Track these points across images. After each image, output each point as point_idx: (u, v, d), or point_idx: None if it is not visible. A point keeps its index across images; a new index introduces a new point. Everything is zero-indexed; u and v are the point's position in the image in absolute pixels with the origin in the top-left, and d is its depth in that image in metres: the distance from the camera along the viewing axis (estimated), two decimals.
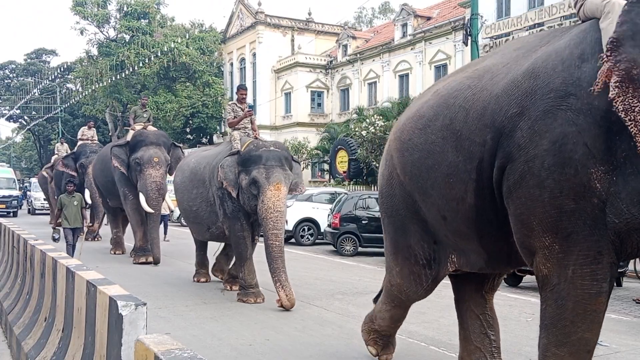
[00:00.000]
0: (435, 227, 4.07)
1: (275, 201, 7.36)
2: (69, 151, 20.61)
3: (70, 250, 10.58)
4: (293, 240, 16.42)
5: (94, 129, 18.23)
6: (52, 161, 20.85)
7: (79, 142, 17.11)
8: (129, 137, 12.28)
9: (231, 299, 8.21)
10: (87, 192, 15.14)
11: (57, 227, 11.70)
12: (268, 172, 7.49)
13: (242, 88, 8.79)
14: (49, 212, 29.16)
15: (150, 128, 12.89)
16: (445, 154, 3.67)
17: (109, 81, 34.06)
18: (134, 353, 2.71)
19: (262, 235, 7.69)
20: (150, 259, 11.57)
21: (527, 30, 20.49)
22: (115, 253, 13.37)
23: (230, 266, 9.14)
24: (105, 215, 15.83)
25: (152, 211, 11.29)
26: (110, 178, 12.74)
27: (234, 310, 7.48)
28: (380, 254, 13.70)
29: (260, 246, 8.06)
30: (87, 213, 14.16)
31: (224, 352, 5.60)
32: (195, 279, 9.61)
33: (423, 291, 4.48)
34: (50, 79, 43.64)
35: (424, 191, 3.94)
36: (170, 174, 11.89)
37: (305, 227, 16.39)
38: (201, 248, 9.76)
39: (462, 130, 3.57)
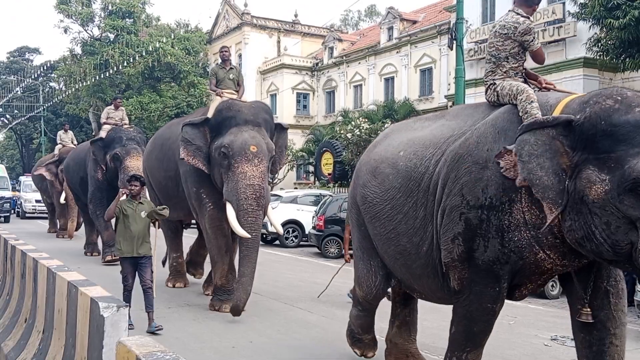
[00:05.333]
0: None
1: None
2: (74, 140, 18.12)
3: (128, 296, 6.48)
4: (277, 242, 16.39)
5: (123, 108, 13.48)
6: (55, 153, 17.47)
7: (105, 126, 12.54)
8: (210, 110, 7.81)
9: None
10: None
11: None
12: None
13: None
14: (42, 215, 25.55)
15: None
16: None
17: (93, 80, 33.76)
18: (116, 355, 2.68)
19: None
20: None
21: None
22: (174, 286, 9.17)
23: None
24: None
25: (246, 235, 6.92)
26: (171, 173, 8.40)
27: (217, 312, 7.43)
28: None
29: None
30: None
31: (206, 354, 5.57)
32: None
33: None
34: (33, 77, 43.12)
35: None
36: (274, 172, 8.01)
37: (289, 229, 16.34)
38: (409, 313, 5.47)
39: None
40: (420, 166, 4.24)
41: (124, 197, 6.60)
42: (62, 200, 16.11)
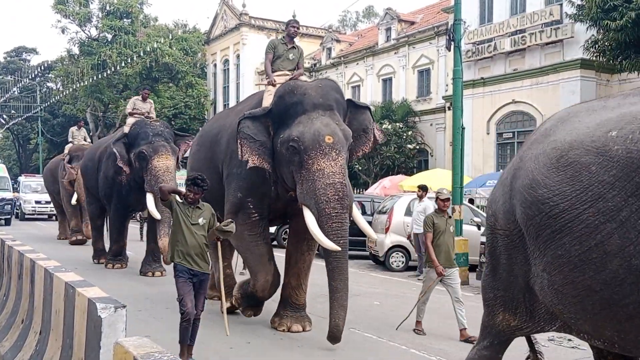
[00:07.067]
0: None
1: None
2: (87, 137, 17.26)
3: (186, 329, 5.16)
4: (275, 242, 16.39)
5: (151, 100, 11.99)
6: (66, 151, 16.36)
7: (129, 120, 11.06)
8: (266, 99, 6.58)
9: (212, 303, 8.16)
10: (150, 199, 9.79)
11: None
12: None
13: None
14: (41, 216, 25.38)
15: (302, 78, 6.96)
16: None
17: (90, 81, 33.71)
18: (113, 356, 2.68)
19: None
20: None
21: (509, 36, 20.72)
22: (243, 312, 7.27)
23: None
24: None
25: (334, 247, 5.86)
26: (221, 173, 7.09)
27: (215, 313, 7.43)
28: (361, 257, 13.76)
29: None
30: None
31: (204, 355, 5.57)
32: None
33: None
34: (30, 77, 43.08)
35: None
36: (348, 162, 6.44)
37: (287, 229, 16.30)
38: None
39: None
40: None
41: (177, 197, 5.37)
42: (73, 201, 15.33)
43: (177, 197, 5.36)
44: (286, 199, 6.47)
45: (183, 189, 5.55)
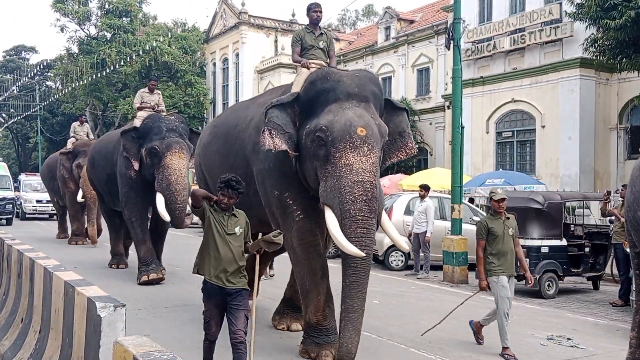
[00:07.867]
0: None
1: None
2: (90, 134, 16.48)
3: (209, 348, 4.87)
4: None
5: (159, 92, 10.93)
6: (68, 147, 15.58)
7: (139, 114, 10.14)
8: (296, 85, 5.90)
9: None
10: (160, 199, 9.18)
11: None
12: None
13: None
14: (42, 215, 24.80)
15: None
16: None
17: (90, 79, 33.74)
18: (113, 355, 2.69)
19: None
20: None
21: (508, 35, 20.72)
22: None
23: None
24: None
25: (358, 252, 4.84)
26: (240, 171, 5.92)
27: None
28: None
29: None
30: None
31: (202, 353, 5.56)
32: None
33: None
34: (29, 76, 43.11)
35: None
36: (382, 167, 5.84)
37: None
38: None
39: None
40: None
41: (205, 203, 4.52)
42: (79, 198, 14.37)
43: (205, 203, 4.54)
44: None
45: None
